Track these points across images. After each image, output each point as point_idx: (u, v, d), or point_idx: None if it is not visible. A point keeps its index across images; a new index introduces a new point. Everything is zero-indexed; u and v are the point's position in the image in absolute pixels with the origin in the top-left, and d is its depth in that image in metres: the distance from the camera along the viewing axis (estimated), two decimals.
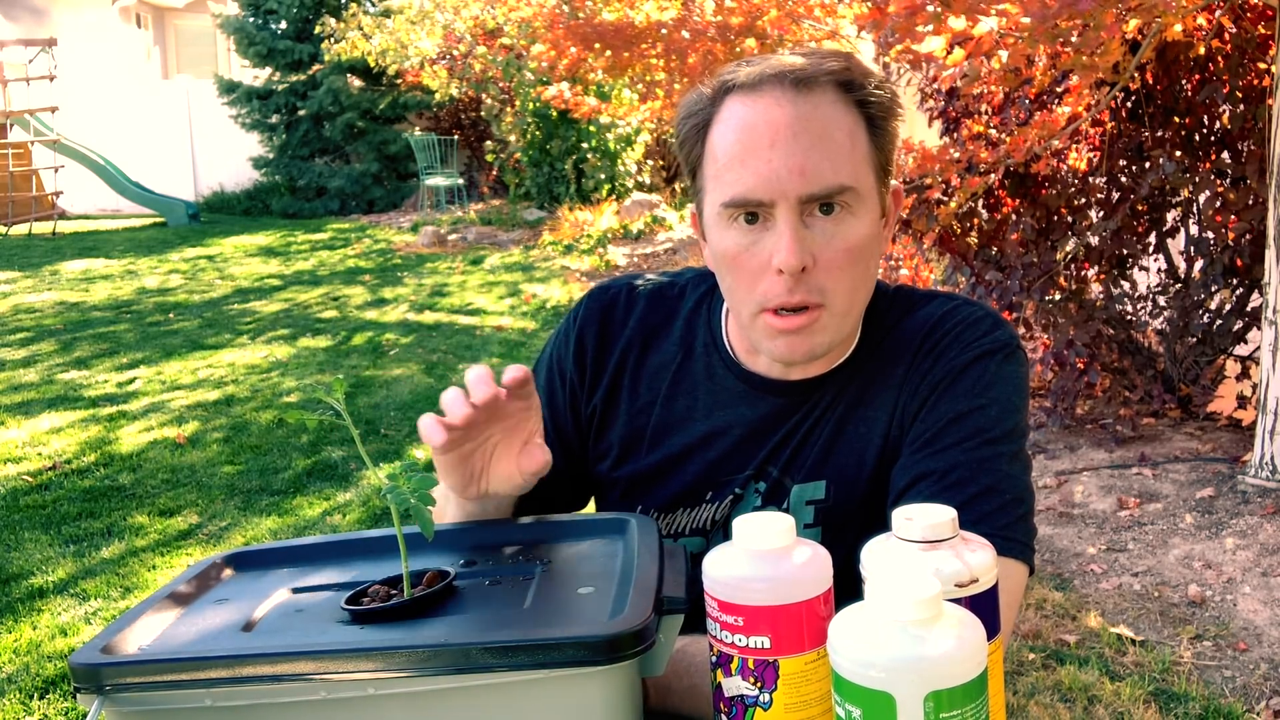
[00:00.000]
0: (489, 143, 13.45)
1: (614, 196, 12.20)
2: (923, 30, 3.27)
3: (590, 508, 1.28)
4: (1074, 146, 4.44)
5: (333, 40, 13.12)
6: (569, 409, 1.23)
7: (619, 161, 12.23)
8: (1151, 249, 4.54)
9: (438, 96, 13.55)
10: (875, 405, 1.12)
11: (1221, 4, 4.04)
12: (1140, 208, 4.41)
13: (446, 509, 1.11)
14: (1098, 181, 4.44)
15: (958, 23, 3.21)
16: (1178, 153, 4.28)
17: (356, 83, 14.44)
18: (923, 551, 0.75)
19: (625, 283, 1.26)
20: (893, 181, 1.11)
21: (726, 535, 1.17)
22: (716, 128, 1.06)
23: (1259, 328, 3.80)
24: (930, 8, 3.18)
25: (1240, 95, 4.15)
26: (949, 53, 3.46)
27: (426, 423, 0.99)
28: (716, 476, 1.16)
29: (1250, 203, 4.04)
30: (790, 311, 1.05)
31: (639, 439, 1.20)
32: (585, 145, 12.03)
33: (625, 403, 1.21)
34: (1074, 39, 3.29)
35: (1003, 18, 3.28)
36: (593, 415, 1.23)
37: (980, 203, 4.56)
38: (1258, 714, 2.53)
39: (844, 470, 1.12)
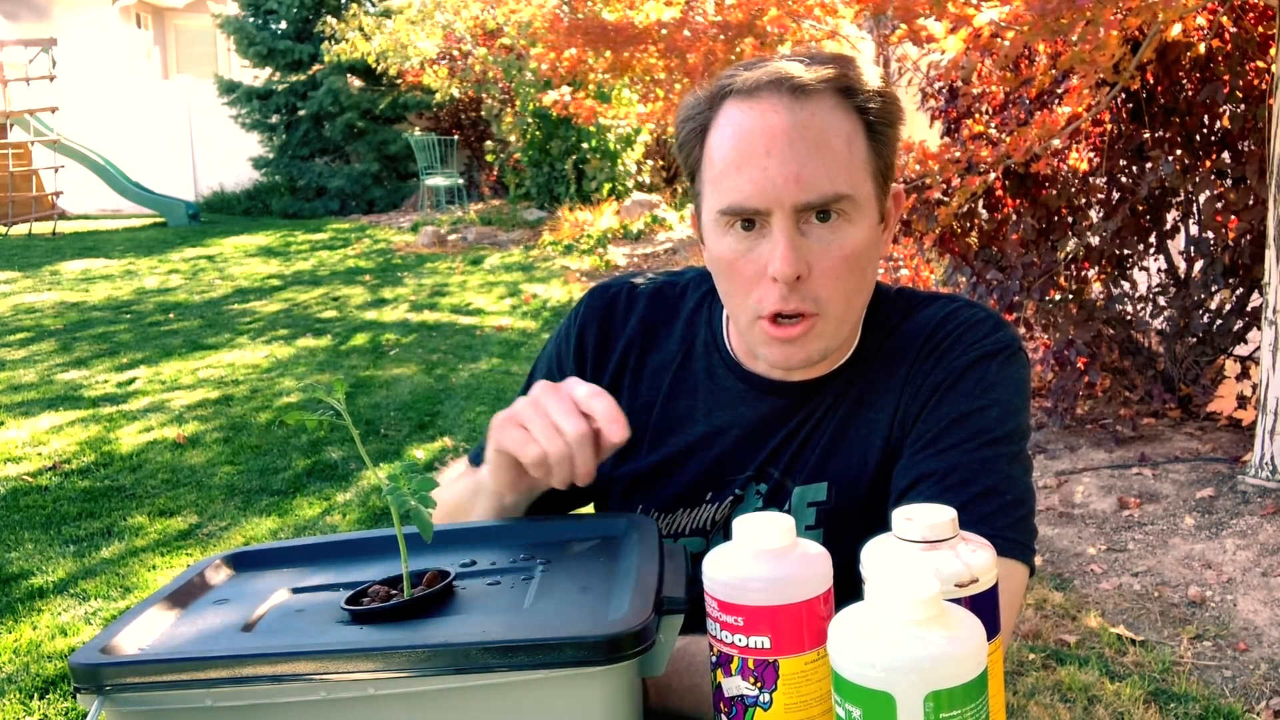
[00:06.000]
0: (489, 143, 13.44)
1: (614, 196, 12.19)
2: (923, 20, 3.27)
3: (589, 508, 1.28)
4: (1074, 146, 4.44)
5: (333, 41, 13.12)
6: None
7: (619, 161, 12.21)
8: (1151, 249, 4.54)
9: (438, 97, 13.54)
10: (877, 407, 1.12)
11: (1221, 4, 4.04)
12: (1140, 208, 4.41)
13: (476, 504, 1.09)
14: (1098, 181, 4.44)
15: None
16: (1178, 152, 4.28)
17: (356, 83, 14.43)
18: (923, 551, 0.75)
19: (626, 282, 1.26)
20: (894, 185, 1.11)
21: (727, 536, 1.17)
22: (715, 132, 1.05)
23: (1259, 328, 3.80)
24: None
25: (1240, 95, 4.15)
26: (948, 48, 3.46)
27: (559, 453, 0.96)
28: (716, 477, 1.16)
29: (1250, 203, 4.04)
30: (786, 319, 1.05)
31: (639, 438, 1.19)
32: (585, 145, 12.02)
33: (626, 402, 1.20)
34: (1074, 35, 3.29)
35: (1006, 6, 3.28)
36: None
37: (980, 203, 4.56)
38: (1258, 714, 2.53)
39: (846, 472, 1.11)
